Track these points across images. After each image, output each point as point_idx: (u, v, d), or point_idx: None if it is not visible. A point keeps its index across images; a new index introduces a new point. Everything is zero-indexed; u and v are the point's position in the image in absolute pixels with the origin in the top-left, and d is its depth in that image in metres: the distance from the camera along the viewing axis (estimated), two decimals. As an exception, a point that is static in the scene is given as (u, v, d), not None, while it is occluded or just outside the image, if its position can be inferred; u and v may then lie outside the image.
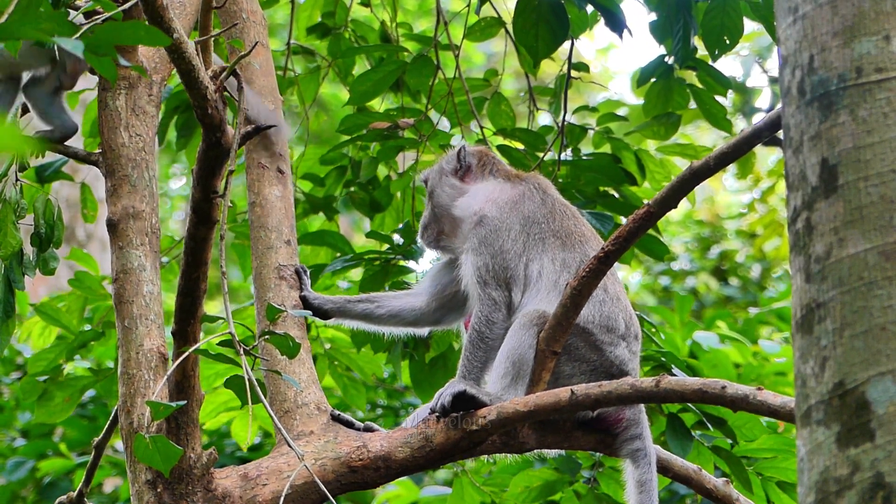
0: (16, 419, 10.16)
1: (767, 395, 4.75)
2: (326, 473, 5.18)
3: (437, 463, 5.30)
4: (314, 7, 7.89)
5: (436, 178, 5.87)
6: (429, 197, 5.88)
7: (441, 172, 5.86)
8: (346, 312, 5.78)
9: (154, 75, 5.55)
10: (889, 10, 3.22)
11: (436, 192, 5.83)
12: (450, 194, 5.79)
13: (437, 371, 6.93)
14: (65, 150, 5.74)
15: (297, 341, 4.69)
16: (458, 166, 5.83)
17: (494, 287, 5.47)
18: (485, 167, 5.82)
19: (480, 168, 5.82)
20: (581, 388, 5.04)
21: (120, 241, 5.30)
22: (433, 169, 5.93)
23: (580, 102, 9.01)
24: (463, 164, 5.82)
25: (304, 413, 5.39)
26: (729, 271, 15.38)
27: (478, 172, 5.81)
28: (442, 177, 5.85)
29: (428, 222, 5.84)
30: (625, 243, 5.12)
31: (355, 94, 7.19)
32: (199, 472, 5.07)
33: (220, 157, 4.73)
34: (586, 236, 5.58)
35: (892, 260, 3.15)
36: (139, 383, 5.13)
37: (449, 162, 5.86)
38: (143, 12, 4.48)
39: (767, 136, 4.80)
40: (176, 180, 18.57)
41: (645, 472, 5.35)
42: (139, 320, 5.20)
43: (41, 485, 10.06)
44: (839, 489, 3.12)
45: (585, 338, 5.39)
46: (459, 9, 7.74)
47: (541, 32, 6.68)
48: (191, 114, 7.22)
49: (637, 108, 7.71)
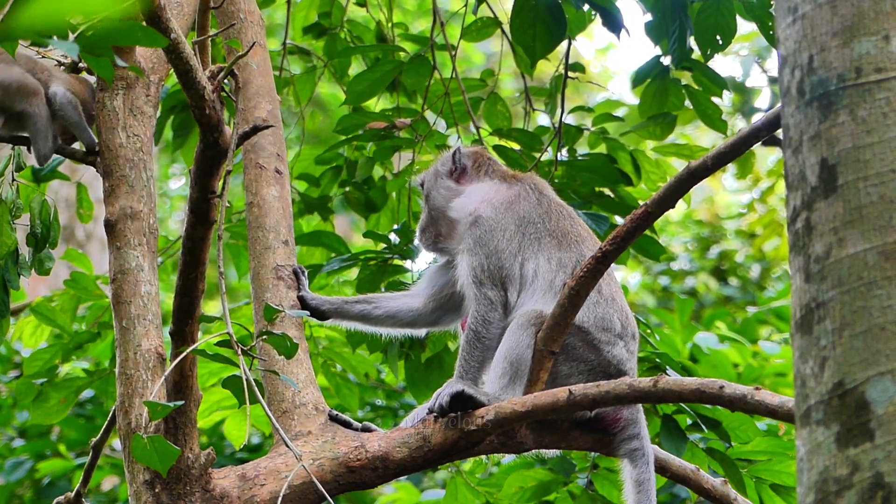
0: (13, 418, 10.15)
1: (765, 395, 4.75)
2: (324, 473, 5.18)
3: (436, 463, 5.30)
4: (310, 7, 7.88)
5: (431, 180, 5.87)
6: (425, 200, 5.88)
7: (436, 175, 5.87)
8: (344, 313, 5.78)
9: (152, 75, 5.55)
10: (888, 10, 3.22)
11: (432, 195, 5.83)
12: (445, 196, 5.79)
13: (432, 371, 6.92)
14: (62, 150, 5.74)
15: (294, 341, 4.69)
16: (453, 168, 5.83)
17: (490, 287, 5.48)
18: (480, 168, 5.82)
19: (476, 169, 5.82)
20: (579, 388, 5.04)
21: (118, 242, 5.30)
22: (429, 171, 5.93)
23: (579, 102, 9.02)
24: (458, 165, 5.83)
25: (302, 413, 5.38)
26: (728, 271, 15.39)
27: (473, 174, 5.82)
28: (437, 179, 5.85)
29: (426, 225, 5.85)
30: (622, 243, 5.12)
31: (351, 94, 7.19)
32: (196, 473, 5.07)
33: (218, 157, 4.73)
34: (582, 236, 5.59)
35: (892, 260, 3.15)
36: (137, 383, 5.13)
37: (444, 164, 5.87)
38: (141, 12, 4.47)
39: (765, 135, 4.79)
40: (175, 180, 18.55)
41: (643, 471, 5.35)
42: (137, 320, 5.20)
43: (39, 485, 10.05)
44: (839, 489, 3.12)
45: (583, 337, 5.40)
46: (456, 9, 7.74)
47: (538, 32, 6.68)
48: (187, 113, 7.22)
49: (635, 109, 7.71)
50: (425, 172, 5.97)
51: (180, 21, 5.61)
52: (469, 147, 5.96)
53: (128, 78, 5.46)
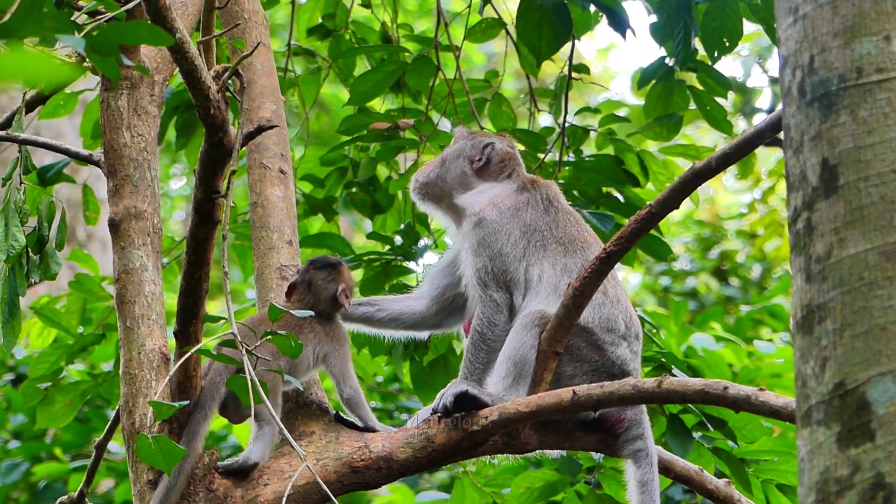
0: (8, 421, 10.13)
1: (769, 396, 4.75)
2: (328, 474, 5.18)
3: (439, 463, 5.30)
4: (315, 8, 7.89)
5: (454, 152, 5.83)
6: (441, 162, 5.83)
7: (461, 153, 5.83)
8: (347, 316, 5.77)
9: (156, 75, 5.56)
10: (889, 11, 3.23)
11: (447, 163, 5.80)
12: (458, 178, 5.78)
13: (437, 372, 6.93)
14: (66, 151, 5.75)
15: (299, 342, 4.70)
16: (479, 158, 5.79)
17: (495, 289, 5.48)
18: (504, 170, 5.79)
19: (500, 169, 5.78)
20: (583, 388, 5.05)
21: (122, 242, 5.30)
22: (457, 143, 5.86)
23: (580, 103, 9.02)
24: (484, 159, 5.79)
25: (306, 413, 5.39)
26: (729, 271, 15.37)
27: (495, 171, 5.77)
28: (460, 157, 5.81)
29: (429, 181, 5.81)
30: (627, 244, 5.12)
31: (355, 95, 7.19)
32: (200, 473, 5.08)
33: (223, 158, 4.74)
34: (588, 242, 5.58)
35: (893, 260, 3.15)
36: (141, 383, 5.13)
37: (473, 148, 5.82)
38: (146, 12, 4.49)
39: (769, 137, 4.79)
40: (176, 180, 18.56)
41: (647, 472, 5.35)
42: (141, 320, 5.20)
43: (35, 488, 10.03)
44: (839, 489, 3.12)
45: (587, 338, 5.40)
46: (460, 10, 7.75)
47: (544, 33, 6.68)
48: (191, 113, 7.23)
49: (637, 109, 7.70)
50: (461, 132, 5.93)
51: (185, 21, 5.62)
52: (505, 146, 5.86)
53: (132, 78, 5.47)
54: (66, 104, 6.93)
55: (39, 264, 5.63)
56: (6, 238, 5.47)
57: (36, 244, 5.63)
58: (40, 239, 5.64)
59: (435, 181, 5.82)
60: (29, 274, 5.58)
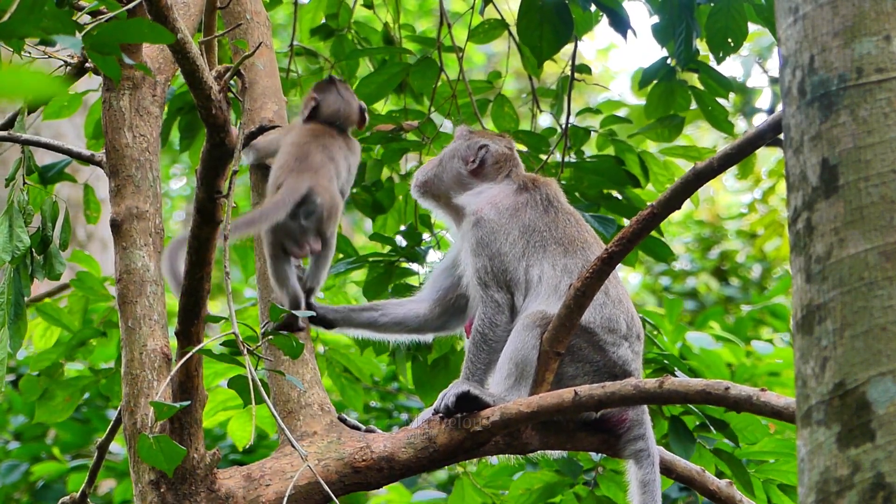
0: (8, 422, 10.13)
1: (771, 397, 4.75)
2: (330, 474, 5.18)
3: (441, 464, 5.30)
4: (317, 9, 7.89)
5: (451, 152, 5.83)
6: (439, 161, 5.83)
7: (455, 153, 5.83)
8: (351, 321, 5.77)
9: (158, 76, 5.56)
10: (889, 11, 3.23)
11: (445, 160, 5.80)
12: (453, 178, 5.77)
13: (438, 373, 6.93)
14: (68, 152, 5.75)
15: (300, 342, 4.70)
16: (473, 159, 5.79)
17: (496, 289, 5.48)
18: (501, 171, 5.78)
19: (496, 170, 5.77)
20: (584, 388, 5.05)
21: (123, 242, 5.30)
22: (455, 143, 5.87)
23: (581, 103, 9.03)
24: (478, 161, 5.79)
25: (308, 413, 5.39)
26: (729, 272, 15.37)
27: (491, 173, 5.77)
28: (455, 158, 5.81)
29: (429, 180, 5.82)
30: (628, 244, 5.12)
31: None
32: (202, 473, 5.08)
33: (224, 158, 4.74)
34: (588, 242, 5.57)
35: (893, 260, 3.15)
36: (142, 383, 5.14)
37: (468, 150, 5.82)
38: (148, 12, 4.49)
39: (771, 137, 4.79)
40: (177, 180, 18.57)
41: (648, 472, 5.35)
42: (142, 320, 5.21)
43: (34, 488, 10.03)
44: (839, 489, 3.12)
45: (589, 339, 5.40)
46: (462, 11, 7.74)
47: (545, 33, 6.68)
48: (194, 115, 7.23)
49: (638, 109, 7.70)
50: (462, 131, 5.92)
51: (187, 21, 5.62)
52: (502, 147, 5.85)
53: (134, 78, 5.47)
54: (70, 105, 6.94)
55: (44, 264, 5.64)
56: (10, 239, 5.48)
57: (40, 244, 5.64)
58: (44, 239, 5.65)
59: (433, 180, 5.83)
60: (33, 274, 5.59)
